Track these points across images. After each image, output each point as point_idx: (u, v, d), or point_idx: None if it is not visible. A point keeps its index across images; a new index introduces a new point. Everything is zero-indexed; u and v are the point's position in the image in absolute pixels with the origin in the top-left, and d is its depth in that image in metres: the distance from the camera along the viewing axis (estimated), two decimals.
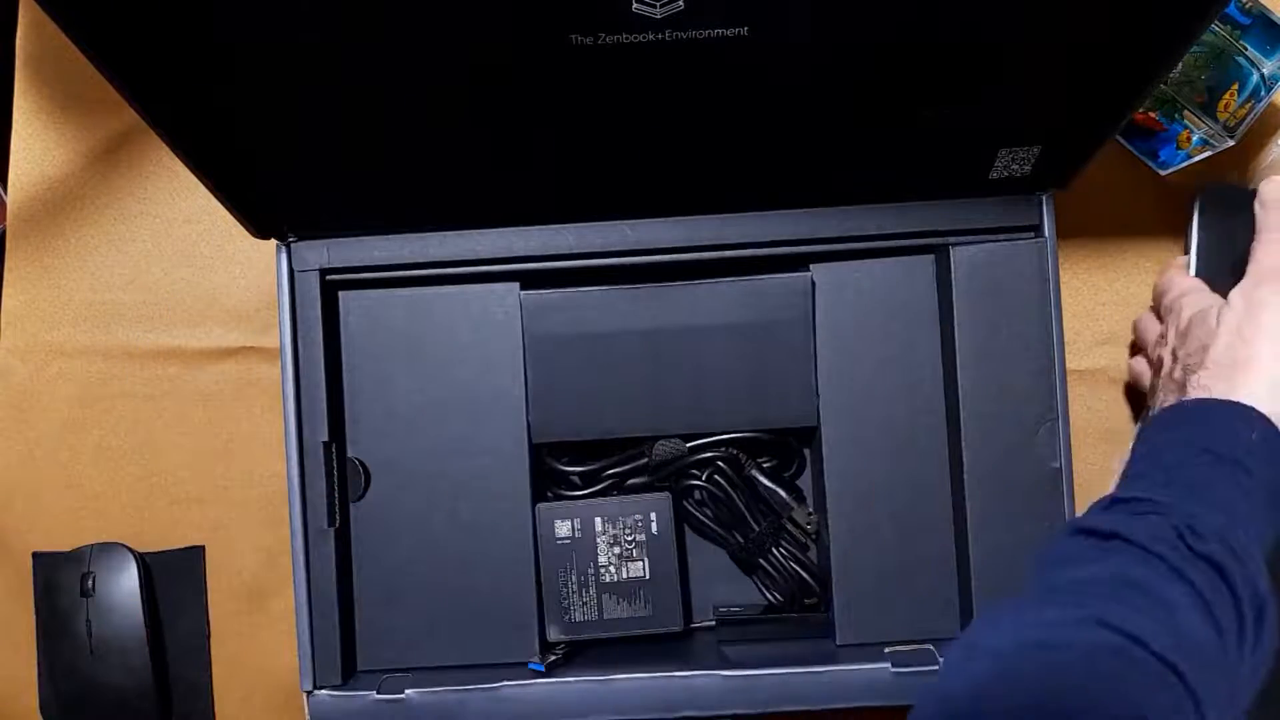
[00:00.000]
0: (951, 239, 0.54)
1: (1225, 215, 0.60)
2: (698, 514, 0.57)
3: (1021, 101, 0.48)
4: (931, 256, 0.56)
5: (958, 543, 0.55)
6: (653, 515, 0.56)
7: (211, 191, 0.49)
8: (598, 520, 0.56)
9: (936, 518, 0.56)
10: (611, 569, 0.56)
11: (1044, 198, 0.54)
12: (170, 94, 0.43)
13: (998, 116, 0.49)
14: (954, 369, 0.54)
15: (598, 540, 0.56)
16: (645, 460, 0.57)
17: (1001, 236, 0.54)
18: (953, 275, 0.54)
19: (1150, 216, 0.62)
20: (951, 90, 0.47)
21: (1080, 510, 0.62)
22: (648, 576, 0.56)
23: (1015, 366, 0.54)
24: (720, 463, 0.56)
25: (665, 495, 0.56)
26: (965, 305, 0.54)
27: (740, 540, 0.57)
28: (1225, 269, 0.60)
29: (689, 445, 0.56)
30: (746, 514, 0.56)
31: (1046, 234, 0.54)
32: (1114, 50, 0.44)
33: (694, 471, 0.57)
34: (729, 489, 0.56)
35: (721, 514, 0.57)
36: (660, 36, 0.40)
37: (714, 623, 0.58)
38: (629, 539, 0.56)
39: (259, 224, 0.52)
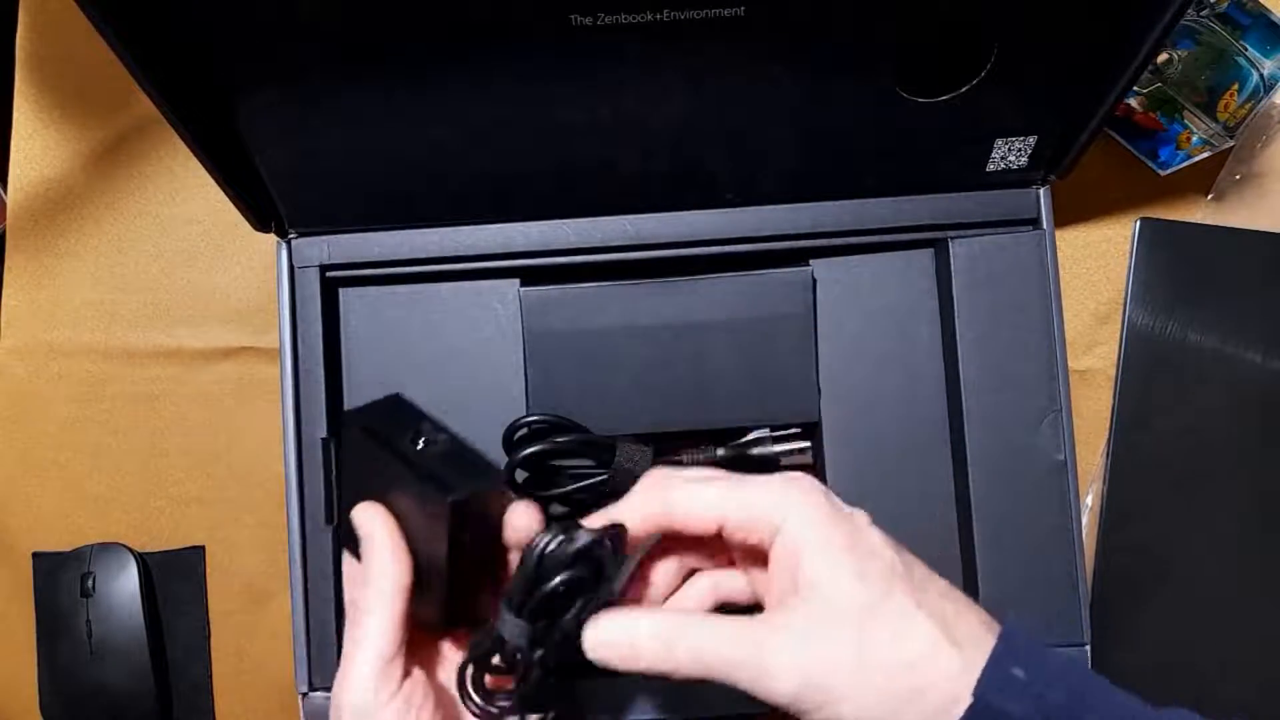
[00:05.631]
0: (950, 232, 0.54)
1: (1163, 249, 0.61)
2: None
3: (1016, 88, 0.48)
4: (931, 250, 0.56)
5: (961, 537, 0.55)
6: None
7: (215, 180, 0.49)
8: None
9: (940, 511, 0.55)
10: None
11: (1041, 190, 0.54)
12: (183, 84, 0.43)
13: (994, 104, 0.49)
14: (955, 362, 0.54)
15: None
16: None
17: (1000, 229, 0.54)
18: (952, 268, 0.54)
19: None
20: (949, 76, 0.47)
21: (1084, 502, 0.61)
22: None
23: (1017, 359, 0.54)
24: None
25: None
26: (965, 298, 0.54)
27: None
28: (1162, 304, 0.60)
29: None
30: None
31: (1045, 226, 0.54)
32: (1103, 31, 0.45)
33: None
34: None
35: None
36: (658, 16, 0.41)
37: None
38: None
39: (260, 215, 0.52)
